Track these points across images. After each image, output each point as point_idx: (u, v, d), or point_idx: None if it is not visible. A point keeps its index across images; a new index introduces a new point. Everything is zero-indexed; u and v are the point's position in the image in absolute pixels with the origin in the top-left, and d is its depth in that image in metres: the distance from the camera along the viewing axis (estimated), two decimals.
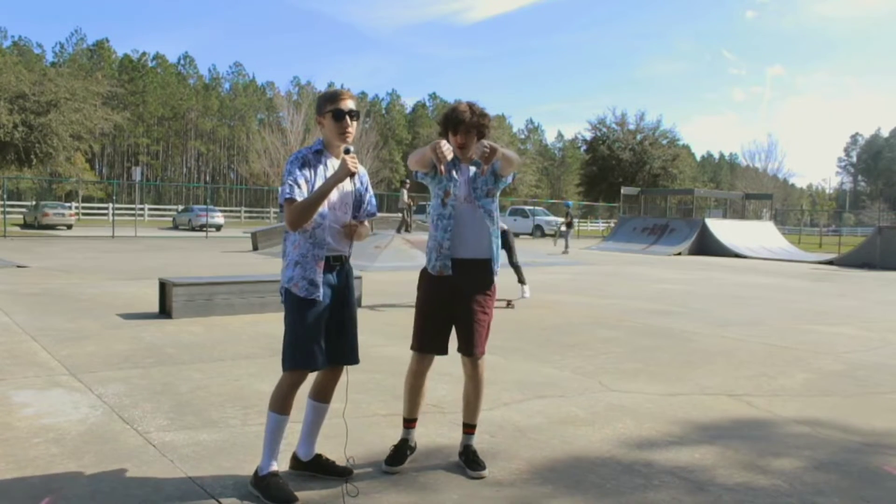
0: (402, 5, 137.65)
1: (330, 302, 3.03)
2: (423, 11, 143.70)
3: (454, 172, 3.32)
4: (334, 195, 3.00)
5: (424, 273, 3.38)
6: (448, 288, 3.29)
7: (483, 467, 3.24)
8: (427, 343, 3.32)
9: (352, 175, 2.94)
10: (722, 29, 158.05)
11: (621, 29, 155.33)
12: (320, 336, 2.99)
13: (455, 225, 3.29)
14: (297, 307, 2.97)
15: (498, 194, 3.38)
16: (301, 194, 2.89)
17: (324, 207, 2.95)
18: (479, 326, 3.28)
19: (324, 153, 3.04)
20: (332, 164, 3.03)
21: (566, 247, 22.93)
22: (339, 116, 2.97)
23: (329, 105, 2.98)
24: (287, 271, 3.00)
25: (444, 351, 3.32)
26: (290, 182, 2.89)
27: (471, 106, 3.28)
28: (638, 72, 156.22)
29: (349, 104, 2.99)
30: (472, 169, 3.32)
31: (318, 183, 2.95)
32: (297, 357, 2.97)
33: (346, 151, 2.97)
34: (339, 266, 3.07)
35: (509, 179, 3.43)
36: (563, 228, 24.69)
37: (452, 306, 3.29)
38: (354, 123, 3.01)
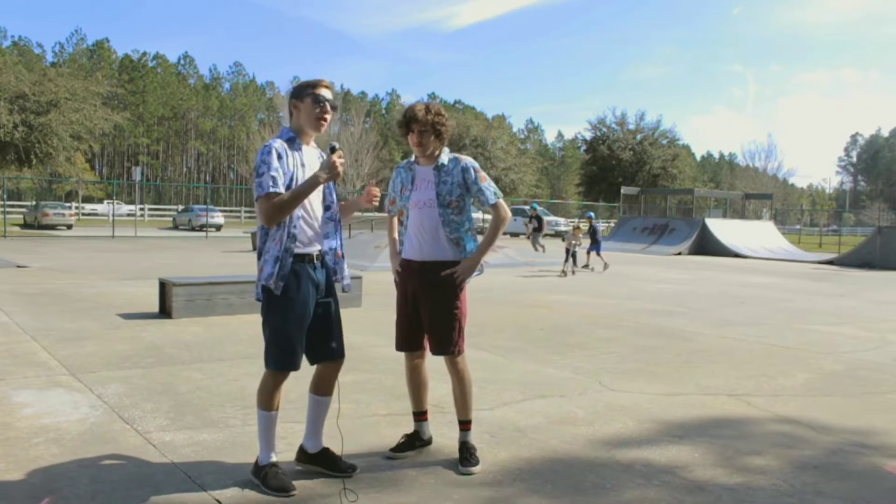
0: (387, 13, 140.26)
1: (313, 299, 3.01)
2: (409, 18, 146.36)
3: (406, 190, 3.39)
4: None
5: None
6: (410, 289, 3.37)
7: (472, 464, 3.25)
8: (400, 342, 3.45)
9: (337, 178, 2.93)
10: (721, 29, 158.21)
11: (611, 32, 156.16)
12: (301, 335, 2.98)
13: (410, 228, 3.37)
14: (278, 306, 2.94)
15: (465, 207, 3.35)
16: (278, 188, 2.82)
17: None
18: (443, 326, 3.30)
19: (296, 141, 3.00)
20: (306, 152, 3.00)
21: (538, 247, 20.76)
22: (318, 100, 2.94)
23: (309, 89, 2.96)
24: (267, 268, 2.94)
25: (416, 347, 3.43)
26: (270, 175, 2.81)
27: (427, 105, 3.29)
28: (637, 73, 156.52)
29: (327, 92, 2.98)
30: (433, 172, 3.32)
31: (297, 174, 2.90)
32: (278, 357, 2.97)
33: (332, 150, 2.91)
34: (320, 262, 3.05)
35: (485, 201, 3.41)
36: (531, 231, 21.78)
37: (417, 307, 3.35)
38: (331, 115, 3.00)
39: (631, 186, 38.35)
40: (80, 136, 32.55)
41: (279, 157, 2.88)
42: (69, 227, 30.51)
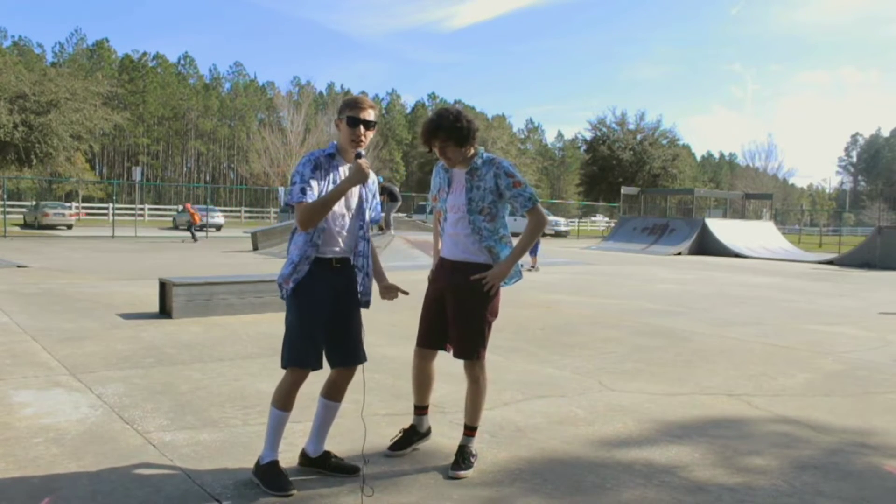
0: (385, 14, 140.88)
1: (333, 303, 3.05)
2: (409, 19, 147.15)
3: (444, 192, 3.39)
4: (340, 200, 3.02)
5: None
6: (437, 288, 3.37)
7: (462, 468, 3.22)
8: (422, 338, 3.43)
9: (364, 180, 2.98)
10: (720, 29, 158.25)
11: (611, 32, 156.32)
12: (317, 336, 3.02)
13: (447, 229, 3.38)
14: (291, 304, 3.03)
15: (498, 214, 3.28)
16: (312, 196, 2.92)
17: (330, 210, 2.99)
18: (467, 330, 3.27)
19: (336, 157, 3.06)
20: (344, 170, 3.05)
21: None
22: (354, 123, 2.99)
23: (347, 111, 3.01)
24: (284, 269, 3.04)
25: (435, 347, 3.41)
26: (303, 185, 2.92)
27: (440, 115, 3.24)
28: (636, 73, 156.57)
29: (367, 114, 3.00)
30: (466, 176, 3.29)
31: (329, 187, 2.97)
32: (291, 355, 3.02)
33: (358, 156, 2.99)
34: (341, 267, 3.08)
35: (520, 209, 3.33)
36: None
37: (443, 307, 3.33)
38: (369, 133, 3.03)
39: (631, 186, 38.31)
40: (80, 136, 32.57)
41: (316, 168, 2.98)
42: (69, 227, 30.51)
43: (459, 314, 3.27)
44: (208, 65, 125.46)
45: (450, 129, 3.18)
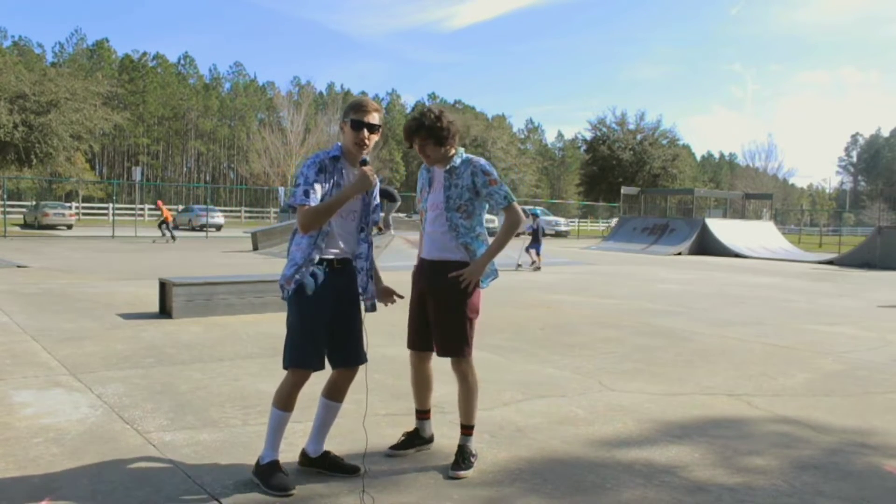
0: (385, 14, 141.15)
1: (334, 304, 3.05)
2: (409, 19, 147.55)
3: (426, 192, 3.41)
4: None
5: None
6: (419, 288, 3.38)
7: (462, 468, 3.22)
8: (410, 340, 3.46)
9: (369, 188, 2.99)
10: (720, 29, 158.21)
11: (611, 32, 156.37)
12: (319, 337, 3.02)
13: (426, 228, 3.39)
14: (292, 304, 3.03)
15: (475, 212, 3.31)
16: (315, 199, 2.92)
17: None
18: (448, 328, 3.29)
19: (340, 160, 3.06)
20: (348, 172, 3.05)
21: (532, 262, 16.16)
22: (358, 127, 2.99)
23: (352, 114, 3.01)
24: (286, 270, 3.04)
25: (426, 348, 3.41)
26: (306, 187, 2.92)
27: (420, 117, 3.27)
28: (636, 73, 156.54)
29: (371, 117, 3.00)
30: (445, 175, 3.32)
31: (333, 190, 2.97)
32: (293, 356, 3.02)
33: (364, 163, 2.99)
34: (342, 268, 3.08)
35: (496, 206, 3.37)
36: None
37: (426, 306, 3.36)
38: (374, 136, 3.03)
39: (631, 186, 38.33)
40: (80, 136, 32.63)
41: (320, 170, 2.97)
42: (69, 227, 30.51)
43: (440, 314, 3.30)
44: (208, 65, 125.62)
45: (430, 128, 3.23)
